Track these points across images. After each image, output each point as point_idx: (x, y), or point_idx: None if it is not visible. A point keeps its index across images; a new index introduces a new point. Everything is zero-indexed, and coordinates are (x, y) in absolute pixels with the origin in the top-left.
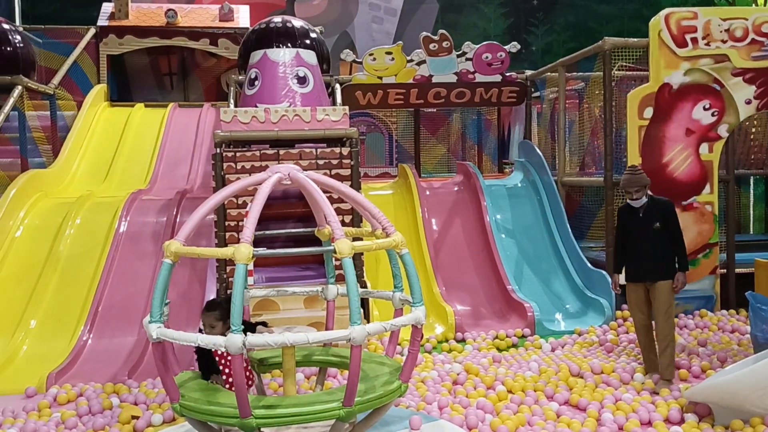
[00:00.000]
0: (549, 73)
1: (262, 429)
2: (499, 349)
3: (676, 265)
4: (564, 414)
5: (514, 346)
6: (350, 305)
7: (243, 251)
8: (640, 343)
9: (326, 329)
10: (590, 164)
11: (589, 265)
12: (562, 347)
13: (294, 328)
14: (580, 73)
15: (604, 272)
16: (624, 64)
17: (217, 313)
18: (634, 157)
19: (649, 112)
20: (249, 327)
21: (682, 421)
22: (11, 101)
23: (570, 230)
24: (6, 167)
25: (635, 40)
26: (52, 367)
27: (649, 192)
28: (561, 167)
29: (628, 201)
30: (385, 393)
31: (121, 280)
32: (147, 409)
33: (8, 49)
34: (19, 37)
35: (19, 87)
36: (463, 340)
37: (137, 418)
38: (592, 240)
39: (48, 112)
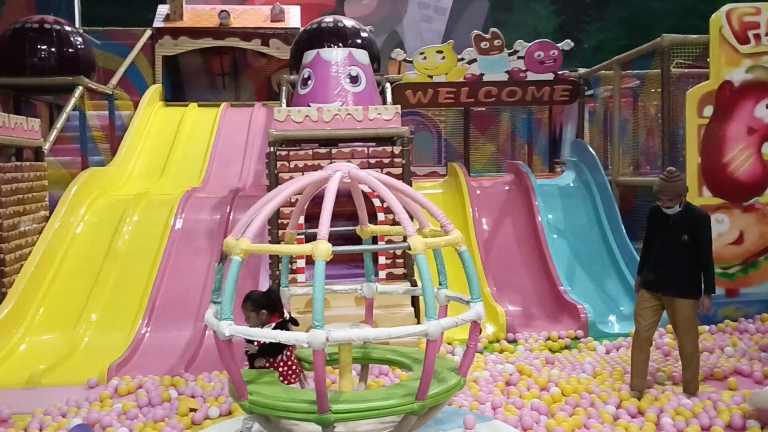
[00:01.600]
0: (603, 71)
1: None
2: (552, 351)
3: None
4: (621, 417)
5: (567, 347)
6: (425, 301)
7: (322, 248)
8: (633, 355)
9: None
10: (644, 164)
11: None
12: (617, 350)
13: (352, 326)
14: (636, 71)
15: None
16: (681, 61)
17: (249, 304)
18: (692, 157)
19: (708, 111)
20: (293, 322)
21: (744, 428)
22: (72, 101)
23: (624, 231)
24: (67, 165)
25: (695, 36)
26: (112, 359)
27: (686, 200)
28: (615, 167)
29: (660, 205)
30: (449, 388)
31: (177, 275)
32: (204, 402)
33: (70, 50)
34: (80, 39)
35: (80, 87)
36: (514, 341)
37: (195, 410)
38: None
39: (107, 112)
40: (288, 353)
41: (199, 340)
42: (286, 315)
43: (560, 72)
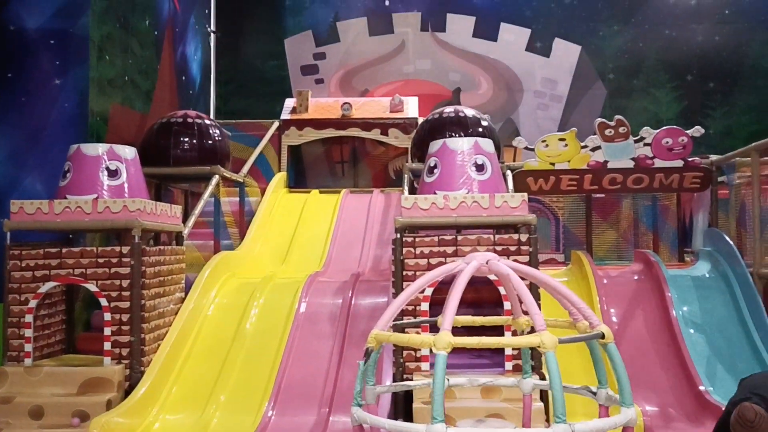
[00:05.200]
0: (738, 158)
1: None
2: None
3: None
4: None
5: None
6: (622, 391)
7: (550, 339)
8: None
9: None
10: None
11: None
12: None
13: (485, 421)
14: None
15: None
16: None
17: None
18: None
19: None
20: None
21: None
22: (209, 189)
23: None
24: (200, 248)
25: None
26: None
27: None
28: (758, 258)
29: None
30: None
31: (301, 359)
32: None
33: (209, 142)
34: (218, 131)
35: (217, 176)
36: None
37: None
38: None
39: (237, 198)
40: None
41: (323, 428)
42: None
43: (690, 159)
